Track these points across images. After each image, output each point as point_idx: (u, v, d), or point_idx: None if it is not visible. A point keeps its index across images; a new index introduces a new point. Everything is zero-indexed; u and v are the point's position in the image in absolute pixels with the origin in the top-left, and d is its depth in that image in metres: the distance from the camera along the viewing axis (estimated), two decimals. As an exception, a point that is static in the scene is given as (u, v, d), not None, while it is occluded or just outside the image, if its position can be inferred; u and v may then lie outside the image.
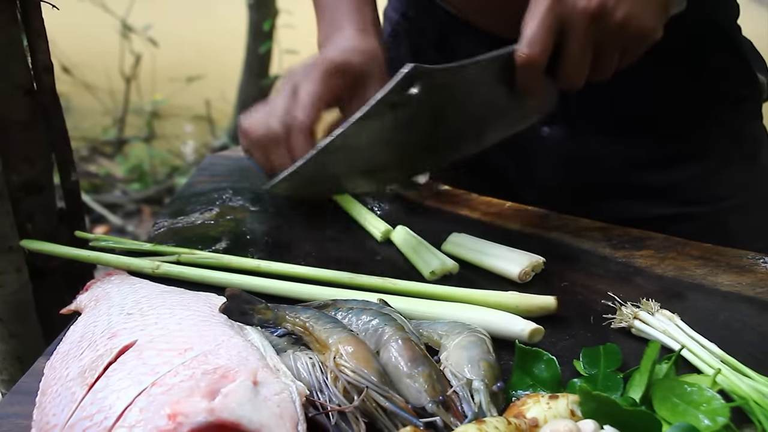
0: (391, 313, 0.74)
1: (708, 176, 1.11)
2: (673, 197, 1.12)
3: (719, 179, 1.12)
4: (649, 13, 0.86)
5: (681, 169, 1.11)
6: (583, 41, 0.86)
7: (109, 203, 3.68)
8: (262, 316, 0.73)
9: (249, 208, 1.04)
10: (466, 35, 1.15)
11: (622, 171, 1.12)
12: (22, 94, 0.95)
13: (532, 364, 0.72)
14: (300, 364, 0.68)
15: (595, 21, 0.85)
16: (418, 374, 0.66)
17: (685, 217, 1.10)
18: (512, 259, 0.90)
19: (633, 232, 0.98)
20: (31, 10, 0.93)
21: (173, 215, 1.02)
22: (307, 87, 1.00)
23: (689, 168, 1.11)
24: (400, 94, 0.87)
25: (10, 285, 0.97)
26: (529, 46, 0.87)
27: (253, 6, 3.91)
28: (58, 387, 0.66)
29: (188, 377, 0.61)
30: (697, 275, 0.90)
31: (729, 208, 1.12)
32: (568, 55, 0.88)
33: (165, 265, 0.88)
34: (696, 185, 1.11)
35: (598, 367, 0.72)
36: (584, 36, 0.86)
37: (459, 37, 1.16)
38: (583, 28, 0.85)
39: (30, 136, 0.97)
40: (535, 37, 0.87)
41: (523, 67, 0.88)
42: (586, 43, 0.87)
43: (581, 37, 0.86)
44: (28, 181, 0.99)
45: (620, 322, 0.80)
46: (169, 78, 4.51)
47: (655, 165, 1.12)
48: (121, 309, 0.74)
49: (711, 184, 1.11)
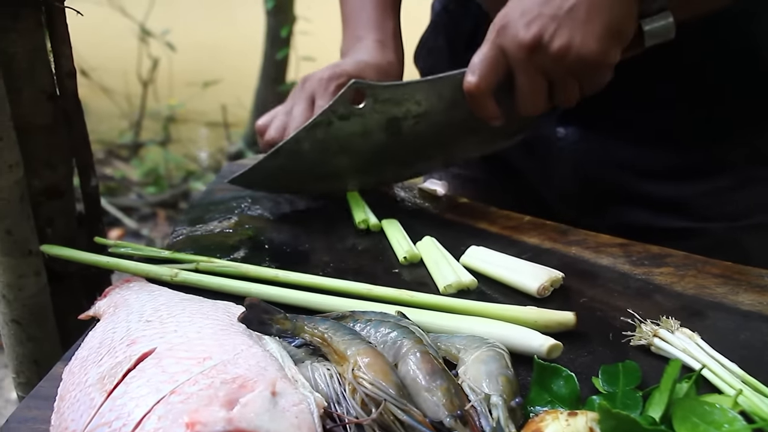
0: (410, 325, 0.74)
1: (724, 193, 1.10)
2: (686, 211, 1.11)
3: (735, 197, 1.10)
4: (591, 40, 0.86)
5: (696, 183, 1.10)
6: (527, 71, 0.90)
7: (124, 206, 3.69)
8: (280, 326, 0.73)
9: (268, 217, 1.04)
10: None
11: (634, 178, 1.12)
12: (46, 99, 0.95)
13: (551, 380, 0.72)
14: (318, 375, 0.67)
15: (534, 52, 0.88)
16: (436, 388, 0.65)
17: (697, 232, 1.10)
18: (531, 274, 0.90)
19: (653, 249, 0.98)
20: (55, 16, 0.93)
21: (192, 223, 1.03)
22: (324, 102, 1.03)
23: (704, 183, 1.10)
24: (345, 107, 0.97)
25: (29, 289, 0.97)
26: (471, 74, 0.92)
27: (271, 12, 3.93)
28: (76, 393, 0.66)
29: (207, 386, 0.61)
30: (718, 294, 0.89)
31: (745, 227, 1.11)
32: (517, 85, 0.92)
33: (183, 272, 0.88)
34: (710, 201, 1.10)
35: (618, 385, 0.71)
36: (526, 66, 0.90)
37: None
38: (522, 58, 0.89)
39: (52, 141, 0.98)
40: (477, 66, 0.92)
41: (468, 93, 0.93)
42: (532, 73, 0.90)
43: (523, 68, 0.90)
44: (50, 185, 0.99)
45: (639, 339, 0.80)
46: (186, 83, 4.53)
47: (669, 176, 1.11)
48: (141, 316, 0.74)
49: (726, 201, 1.10)
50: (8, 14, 0.89)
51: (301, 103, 1.07)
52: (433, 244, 0.97)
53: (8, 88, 0.89)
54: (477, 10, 1.20)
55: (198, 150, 4.51)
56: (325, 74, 1.07)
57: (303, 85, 1.09)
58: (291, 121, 1.06)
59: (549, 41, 0.87)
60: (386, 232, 1.01)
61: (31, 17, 0.91)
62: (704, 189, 1.10)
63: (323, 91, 1.06)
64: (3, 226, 0.92)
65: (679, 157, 1.10)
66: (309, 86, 1.08)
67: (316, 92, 1.07)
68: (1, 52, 0.87)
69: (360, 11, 1.16)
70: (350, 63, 1.09)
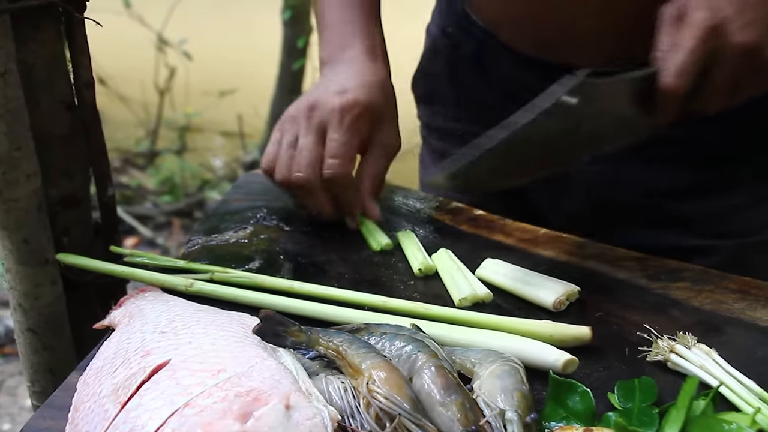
0: (425, 339, 0.74)
1: (734, 211, 1.09)
2: (697, 229, 1.10)
3: (746, 215, 1.10)
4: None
5: (705, 200, 1.09)
6: (730, 75, 0.85)
7: (139, 215, 3.71)
8: (295, 338, 0.73)
9: (283, 227, 1.04)
10: (501, 55, 1.14)
11: (646, 198, 1.11)
12: (64, 109, 0.96)
13: (566, 396, 0.71)
14: (332, 389, 0.67)
15: (747, 56, 0.84)
16: (450, 402, 0.65)
17: (709, 250, 1.09)
18: (547, 287, 0.89)
19: (670, 264, 0.97)
20: (75, 27, 0.94)
21: (207, 233, 1.03)
22: (340, 136, 0.99)
23: (714, 200, 1.09)
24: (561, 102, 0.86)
25: (45, 297, 0.97)
26: (677, 77, 0.85)
27: (288, 23, 3.94)
28: (91, 404, 0.67)
29: (221, 399, 0.61)
30: (735, 309, 0.88)
31: (757, 243, 1.10)
32: (710, 87, 0.86)
33: (198, 283, 0.88)
34: (720, 219, 1.10)
35: (634, 401, 0.71)
36: (732, 70, 0.85)
37: (494, 56, 1.16)
38: (733, 63, 0.84)
39: (70, 151, 0.98)
40: (684, 69, 0.84)
41: (666, 96, 0.86)
42: (732, 77, 0.85)
43: (729, 72, 0.85)
44: (66, 195, 1.00)
45: (656, 355, 0.79)
46: (203, 92, 4.55)
47: (679, 194, 1.10)
48: (155, 327, 0.74)
49: (736, 219, 1.10)
50: (28, 24, 0.89)
51: (310, 135, 1.00)
52: (449, 256, 0.97)
53: (27, 98, 0.89)
54: (480, 33, 1.17)
55: (214, 159, 4.53)
56: (335, 103, 1.00)
57: (309, 114, 1.01)
58: (299, 156, 0.99)
59: (763, 48, 0.84)
60: (402, 244, 1.01)
61: (50, 28, 0.92)
62: (716, 207, 1.09)
63: (338, 124, 0.99)
64: (20, 235, 0.93)
65: (691, 176, 1.09)
66: (318, 116, 1.00)
67: (329, 123, 1.00)
68: (20, 62, 0.88)
69: (341, 14, 1.09)
70: (355, 87, 1.01)
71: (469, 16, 1.18)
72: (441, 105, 1.27)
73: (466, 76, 1.20)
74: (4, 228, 0.93)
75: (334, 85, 1.02)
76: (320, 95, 1.01)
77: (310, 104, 1.01)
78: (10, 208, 0.91)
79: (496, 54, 1.16)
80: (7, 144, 0.88)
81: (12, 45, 0.85)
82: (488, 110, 1.13)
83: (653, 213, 1.12)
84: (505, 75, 1.16)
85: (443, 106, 1.27)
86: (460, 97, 1.23)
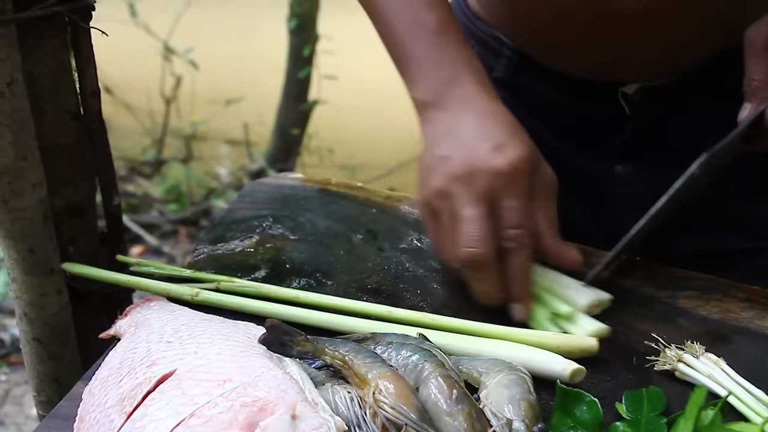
0: (431, 348, 0.74)
1: None
2: (752, 230, 1.08)
3: None
4: None
5: (758, 202, 1.07)
6: None
7: (145, 223, 3.71)
8: (301, 348, 0.72)
9: (289, 236, 1.04)
10: (537, 74, 1.10)
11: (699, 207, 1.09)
12: (70, 118, 0.96)
13: (574, 406, 0.71)
14: (338, 399, 0.67)
15: None
16: (457, 412, 0.65)
17: (757, 252, 1.07)
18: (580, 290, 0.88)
19: (677, 272, 0.97)
20: (81, 37, 0.94)
21: (213, 242, 1.03)
22: (519, 202, 0.85)
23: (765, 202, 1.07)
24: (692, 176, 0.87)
25: (51, 307, 0.97)
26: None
27: (294, 31, 3.94)
28: (96, 414, 0.66)
29: (227, 409, 0.61)
30: (744, 318, 0.88)
31: None
32: None
33: (204, 292, 0.88)
34: None
35: (641, 411, 0.71)
36: None
37: (529, 75, 1.11)
38: None
39: (75, 160, 0.98)
40: None
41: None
42: None
43: None
44: (72, 204, 1.00)
45: (664, 364, 0.79)
46: (209, 100, 4.56)
47: (733, 200, 1.07)
48: (161, 336, 0.74)
49: None
50: (34, 34, 0.89)
51: (477, 206, 0.84)
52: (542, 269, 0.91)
53: (33, 107, 0.89)
54: (510, 52, 1.10)
55: (220, 168, 4.54)
56: (499, 165, 0.84)
57: (469, 180, 0.85)
58: (469, 230, 0.84)
59: None
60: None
61: (56, 37, 0.92)
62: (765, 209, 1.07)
63: (512, 189, 0.85)
64: (26, 244, 0.93)
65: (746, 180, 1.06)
66: (483, 183, 0.84)
67: (499, 189, 0.85)
68: (26, 72, 0.88)
69: (427, 42, 0.93)
70: (506, 139, 0.87)
71: (499, 37, 1.12)
72: None
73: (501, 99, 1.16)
74: (10, 237, 0.93)
75: (478, 140, 0.87)
76: (471, 157, 0.86)
77: (467, 170, 0.85)
78: (16, 217, 0.91)
79: (530, 74, 1.11)
80: (12, 153, 0.88)
81: (18, 55, 0.86)
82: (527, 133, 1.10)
83: (705, 220, 1.10)
84: (543, 97, 1.12)
85: None
86: None
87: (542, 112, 1.12)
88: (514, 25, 1.09)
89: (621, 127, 1.06)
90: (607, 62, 1.01)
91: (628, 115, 1.04)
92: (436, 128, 0.91)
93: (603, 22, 0.95)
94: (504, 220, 0.85)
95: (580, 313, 0.85)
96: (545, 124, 1.11)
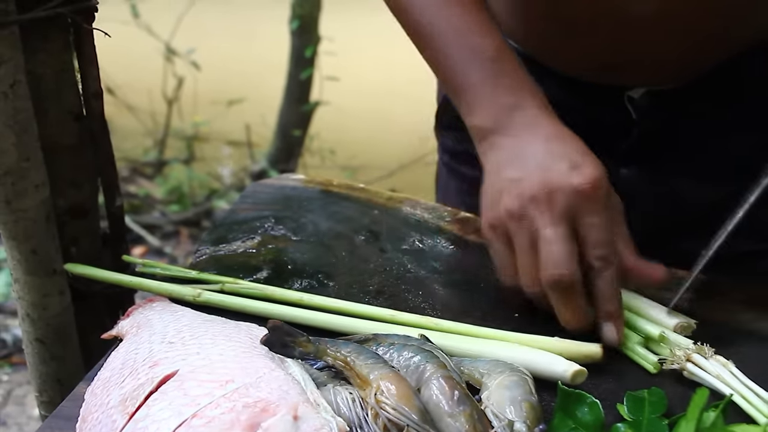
0: (433, 349, 0.74)
1: None
2: (760, 233, 1.04)
3: None
4: None
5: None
6: None
7: (147, 224, 3.71)
8: (303, 349, 0.72)
9: (291, 237, 1.04)
10: (543, 78, 1.05)
11: (705, 211, 1.08)
12: (72, 119, 0.96)
13: (575, 407, 0.71)
14: (340, 399, 0.67)
15: None
16: (459, 413, 0.65)
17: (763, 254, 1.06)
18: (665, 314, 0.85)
19: (679, 273, 0.96)
20: (83, 38, 0.94)
21: (215, 243, 1.03)
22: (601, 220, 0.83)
23: None
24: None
25: (53, 308, 0.97)
26: None
27: (295, 32, 3.95)
28: (98, 414, 0.67)
29: (229, 410, 0.61)
30: (745, 320, 0.88)
31: None
32: None
33: (206, 293, 0.88)
34: None
35: (643, 413, 0.71)
36: None
37: (534, 78, 1.11)
38: None
39: (78, 161, 0.98)
40: None
41: None
42: None
43: None
44: (74, 205, 1.00)
45: (672, 364, 0.78)
46: (210, 101, 4.56)
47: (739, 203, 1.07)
48: (163, 337, 0.74)
49: None
50: (37, 35, 0.90)
51: (558, 225, 0.82)
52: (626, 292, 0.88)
53: (35, 108, 0.90)
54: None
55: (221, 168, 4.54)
56: (579, 184, 0.82)
57: (549, 200, 0.82)
58: (551, 252, 0.81)
59: None
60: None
61: (59, 38, 0.92)
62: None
63: (593, 206, 0.83)
64: (28, 245, 0.93)
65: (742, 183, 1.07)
66: (563, 201, 0.82)
67: (580, 208, 0.82)
68: (29, 73, 0.88)
69: (480, 68, 0.92)
70: (581, 158, 0.85)
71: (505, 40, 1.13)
72: None
73: None
74: (13, 238, 0.93)
75: (554, 161, 0.85)
76: (549, 176, 0.83)
77: (545, 189, 0.83)
78: (19, 218, 0.91)
79: (538, 79, 1.11)
80: (15, 154, 0.88)
81: (21, 56, 0.86)
82: None
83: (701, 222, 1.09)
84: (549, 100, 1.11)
85: None
86: None
87: None
88: (520, 27, 1.09)
89: (627, 131, 1.06)
90: (616, 65, 1.01)
91: (635, 120, 1.04)
92: (502, 153, 0.89)
93: (614, 24, 0.95)
94: (589, 238, 0.82)
95: (671, 333, 0.83)
96: None
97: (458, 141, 1.25)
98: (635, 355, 0.82)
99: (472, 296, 0.94)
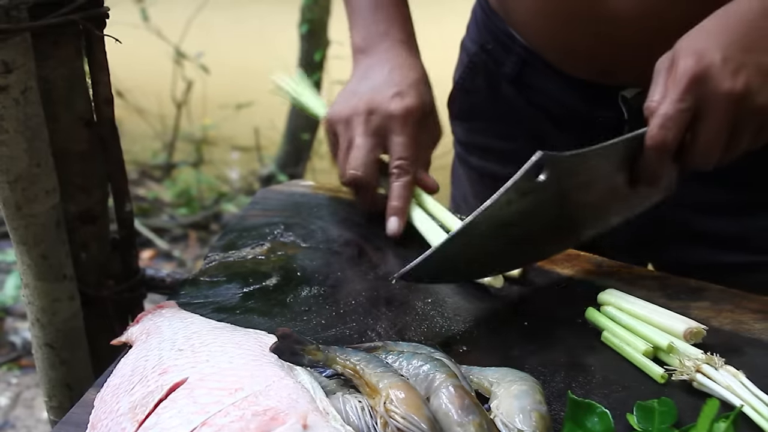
0: (442, 358, 0.74)
1: None
2: (748, 245, 1.08)
3: None
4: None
5: (757, 217, 1.07)
6: (721, 124, 0.82)
7: (156, 227, 3.72)
8: (312, 357, 0.72)
9: (300, 244, 1.04)
10: (544, 73, 1.13)
11: (690, 217, 1.09)
12: (83, 125, 0.96)
13: (585, 417, 0.71)
14: (349, 408, 0.67)
15: (738, 103, 0.81)
16: (468, 423, 0.65)
17: (758, 267, 1.07)
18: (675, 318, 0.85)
19: (689, 282, 0.96)
20: (94, 44, 0.94)
21: (224, 249, 1.03)
22: (404, 139, 1.03)
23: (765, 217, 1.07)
24: (528, 181, 0.84)
25: (63, 313, 0.98)
26: (663, 128, 0.82)
27: (304, 36, 3.95)
28: (108, 422, 0.67)
29: (238, 418, 0.61)
30: (756, 330, 0.88)
31: None
32: (701, 138, 0.83)
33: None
34: None
35: (653, 423, 0.71)
36: (723, 119, 0.81)
37: (536, 74, 1.14)
38: (723, 110, 0.81)
39: (88, 167, 0.99)
40: (670, 120, 0.82)
41: (653, 149, 0.84)
42: (723, 126, 0.82)
43: (720, 120, 0.81)
44: (84, 210, 1.00)
45: (681, 374, 0.78)
46: (219, 105, 4.57)
47: (727, 212, 1.07)
48: (173, 344, 0.74)
49: None
50: (48, 42, 0.90)
51: (368, 137, 1.03)
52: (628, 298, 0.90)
53: (46, 114, 0.90)
54: (521, 50, 1.15)
55: (230, 172, 4.54)
56: (394, 109, 1.03)
57: (367, 117, 1.03)
58: (356, 155, 1.03)
59: (756, 93, 0.81)
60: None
61: (70, 45, 0.93)
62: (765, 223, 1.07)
63: (401, 129, 1.03)
64: (38, 250, 0.93)
65: (739, 194, 1.07)
66: (377, 120, 1.03)
67: (390, 128, 1.03)
68: (40, 79, 0.88)
69: (375, 6, 1.11)
70: (408, 89, 1.05)
71: (511, 34, 1.15)
72: (482, 122, 1.26)
73: (509, 94, 1.19)
74: (23, 243, 0.93)
75: (385, 86, 1.05)
76: (375, 98, 1.04)
77: (368, 108, 1.03)
78: (29, 223, 0.92)
79: (539, 72, 1.14)
80: (26, 160, 0.88)
81: (32, 62, 0.86)
82: (532, 130, 1.12)
83: (701, 230, 1.10)
84: (549, 95, 1.14)
85: (485, 123, 1.25)
86: (503, 114, 1.21)
87: (547, 109, 1.15)
88: (525, 23, 1.12)
89: (619, 130, 1.06)
90: (612, 65, 1.03)
91: (626, 119, 1.04)
92: (358, 70, 1.11)
93: (606, 24, 0.98)
94: (392, 152, 1.03)
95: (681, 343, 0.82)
96: (549, 121, 1.15)
97: (467, 132, 1.28)
98: (644, 365, 0.82)
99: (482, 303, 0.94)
